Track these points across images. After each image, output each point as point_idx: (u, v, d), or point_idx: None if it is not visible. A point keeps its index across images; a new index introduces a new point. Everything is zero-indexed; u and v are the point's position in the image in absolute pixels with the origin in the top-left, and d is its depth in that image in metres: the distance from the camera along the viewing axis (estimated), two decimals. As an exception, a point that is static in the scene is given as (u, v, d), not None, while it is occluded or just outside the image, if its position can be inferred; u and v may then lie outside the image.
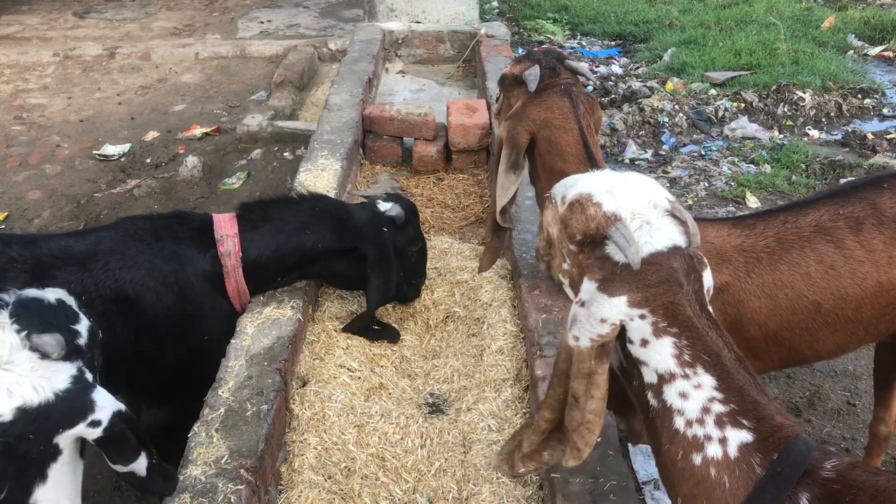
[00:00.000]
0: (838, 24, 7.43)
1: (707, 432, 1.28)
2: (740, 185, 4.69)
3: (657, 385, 1.33)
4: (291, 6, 8.26)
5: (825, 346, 2.00)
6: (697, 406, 1.29)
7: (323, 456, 2.27)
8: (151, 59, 6.84)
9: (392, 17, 6.32)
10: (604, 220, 1.37)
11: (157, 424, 2.41)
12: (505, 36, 5.84)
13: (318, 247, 2.59)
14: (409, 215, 2.80)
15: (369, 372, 2.64)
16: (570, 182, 1.51)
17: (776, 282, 1.91)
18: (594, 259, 1.37)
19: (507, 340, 2.73)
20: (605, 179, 1.46)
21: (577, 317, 1.35)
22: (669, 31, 7.53)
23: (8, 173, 4.97)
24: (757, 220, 2.00)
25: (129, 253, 2.25)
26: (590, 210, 1.39)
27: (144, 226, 2.38)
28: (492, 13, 8.19)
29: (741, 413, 1.27)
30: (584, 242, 1.39)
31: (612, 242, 1.34)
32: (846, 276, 1.90)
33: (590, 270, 1.37)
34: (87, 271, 2.17)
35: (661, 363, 1.32)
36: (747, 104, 5.81)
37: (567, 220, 1.42)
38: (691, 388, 1.30)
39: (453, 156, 4.27)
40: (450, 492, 2.19)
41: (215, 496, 1.87)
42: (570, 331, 1.35)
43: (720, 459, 1.26)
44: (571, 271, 1.47)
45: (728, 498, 1.25)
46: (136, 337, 2.25)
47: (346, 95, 4.49)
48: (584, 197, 1.42)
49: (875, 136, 5.32)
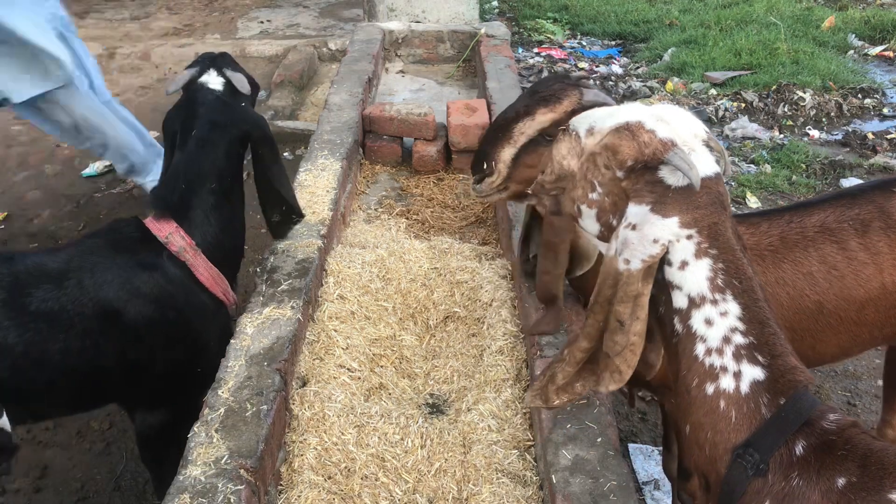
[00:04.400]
0: (838, 24, 7.43)
1: (724, 363, 1.33)
2: (740, 185, 4.69)
3: (686, 310, 1.38)
4: (291, 6, 8.26)
5: (828, 348, 2.00)
6: (720, 334, 1.34)
7: (323, 456, 2.27)
8: (151, 59, 6.84)
9: (392, 16, 6.32)
10: (661, 145, 1.40)
11: (152, 428, 2.38)
12: (505, 36, 5.84)
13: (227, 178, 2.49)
14: (233, 70, 2.59)
15: (369, 372, 2.63)
16: (600, 114, 1.53)
17: (778, 280, 1.91)
18: (644, 184, 1.40)
19: (507, 340, 2.73)
20: (649, 109, 1.49)
21: (629, 239, 1.38)
22: (669, 31, 7.52)
23: (8, 173, 4.97)
24: (762, 219, 2.01)
25: (97, 270, 2.20)
26: (643, 136, 1.41)
27: (100, 242, 2.31)
28: (492, 13, 8.19)
29: (758, 347, 1.32)
30: (634, 168, 1.41)
31: (672, 166, 1.38)
32: (849, 276, 1.90)
33: (638, 195, 1.40)
34: (61, 290, 2.13)
35: (694, 286, 1.37)
36: (747, 104, 5.81)
37: (616, 147, 1.43)
38: (717, 315, 1.35)
39: (453, 156, 4.27)
40: (450, 492, 2.18)
41: (215, 496, 1.87)
42: (621, 255, 1.39)
43: (731, 393, 1.32)
44: (602, 200, 1.48)
45: (731, 433, 1.31)
46: (122, 351, 2.20)
47: (345, 95, 4.48)
48: (634, 124, 1.44)
49: (875, 136, 5.32)
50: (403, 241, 3.39)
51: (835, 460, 1.23)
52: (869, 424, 2.98)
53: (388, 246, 3.31)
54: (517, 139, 2.18)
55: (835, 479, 1.21)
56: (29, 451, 2.93)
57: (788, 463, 1.25)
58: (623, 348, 1.43)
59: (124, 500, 2.76)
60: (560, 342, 2.50)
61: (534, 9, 8.40)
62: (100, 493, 2.77)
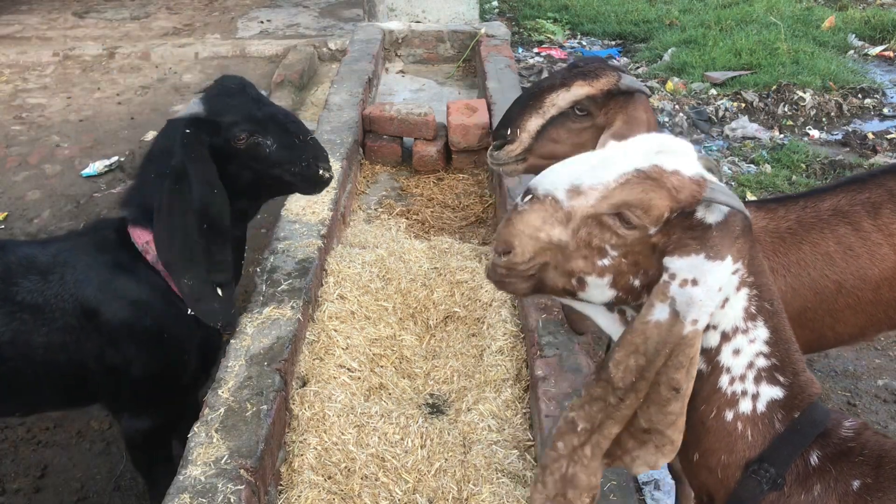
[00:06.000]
0: (839, 24, 7.43)
1: (745, 387, 1.27)
2: (741, 185, 4.69)
3: (716, 348, 1.28)
4: (291, 6, 8.25)
5: (846, 328, 2.05)
6: (745, 362, 1.27)
7: (323, 456, 2.27)
8: (151, 59, 6.84)
9: (392, 16, 6.32)
10: (694, 185, 1.22)
11: (137, 433, 2.35)
12: (505, 36, 5.84)
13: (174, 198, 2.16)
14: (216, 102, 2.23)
15: (369, 372, 2.63)
16: (579, 168, 1.29)
17: (799, 261, 1.96)
18: (683, 231, 1.23)
19: (507, 340, 2.73)
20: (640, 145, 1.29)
21: (694, 298, 1.20)
22: (670, 31, 7.52)
23: (8, 173, 4.97)
24: (778, 205, 2.06)
25: (79, 267, 2.18)
26: (671, 181, 1.22)
27: (86, 240, 2.29)
28: (492, 13, 8.18)
29: (780, 368, 1.27)
30: (669, 219, 1.23)
31: (713, 204, 1.22)
32: (864, 257, 1.96)
33: (682, 246, 1.22)
34: (47, 283, 2.14)
35: (731, 321, 1.26)
36: (747, 104, 5.81)
37: (646, 203, 1.22)
38: (746, 343, 1.27)
39: (453, 156, 4.27)
40: (450, 492, 2.18)
41: (215, 496, 1.87)
42: (687, 317, 1.20)
43: (749, 415, 1.27)
44: (618, 263, 1.27)
45: (745, 451, 1.26)
46: (101, 351, 2.19)
47: (345, 95, 4.48)
48: (652, 171, 1.23)
49: (875, 136, 5.32)
50: (403, 241, 3.39)
51: (852, 465, 1.22)
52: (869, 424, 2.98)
53: (388, 246, 3.31)
54: (547, 110, 2.11)
55: (850, 483, 1.21)
56: (29, 451, 2.93)
57: (805, 474, 1.23)
58: (677, 416, 1.25)
59: (124, 500, 2.76)
60: (560, 342, 2.49)
61: (534, 9, 8.40)
62: (100, 493, 2.77)
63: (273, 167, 2.29)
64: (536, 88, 2.18)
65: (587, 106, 2.08)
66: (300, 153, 2.31)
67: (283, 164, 2.29)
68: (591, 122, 2.11)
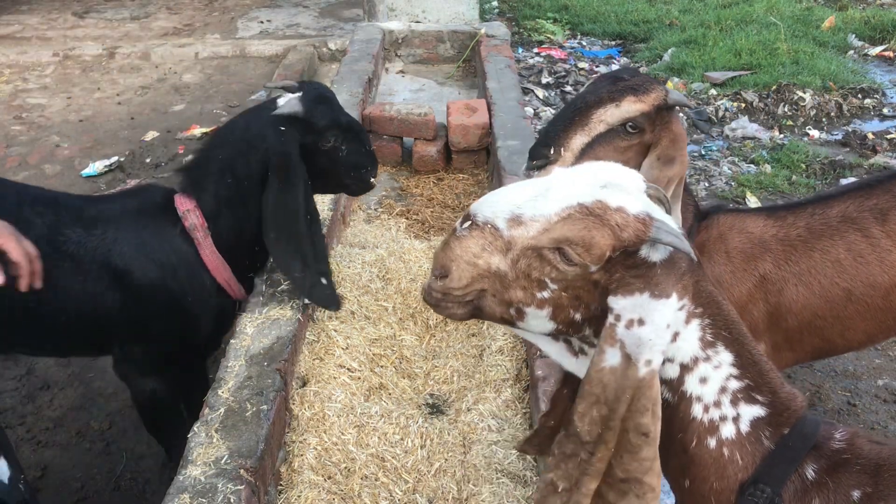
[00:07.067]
0: (838, 24, 7.43)
1: (723, 413, 1.25)
2: (740, 185, 4.69)
3: (678, 378, 1.26)
4: (291, 6, 8.26)
5: (856, 335, 2.05)
6: (716, 388, 1.25)
7: (323, 456, 2.27)
8: (151, 59, 6.84)
9: (392, 16, 6.32)
10: (638, 224, 1.18)
11: (145, 394, 2.49)
12: (505, 36, 5.84)
13: (245, 183, 2.41)
14: (312, 105, 2.44)
15: (369, 372, 2.63)
16: (520, 197, 1.24)
17: (810, 269, 1.97)
18: (626, 270, 1.19)
19: (507, 340, 2.73)
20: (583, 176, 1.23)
21: (643, 338, 1.17)
22: (669, 31, 7.52)
23: (8, 173, 4.96)
24: (787, 212, 2.07)
25: (121, 226, 2.35)
26: (613, 218, 1.17)
27: (132, 201, 2.46)
28: (492, 13, 8.18)
29: (756, 388, 1.25)
30: (612, 258, 1.19)
31: (658, 244, 1.18)
32: (874, 263, 1.96)
33: (625, 285, 1.18)
34: (89, 236, 2.30)
35: (686, 352, 1.24)
36: (747, 104, 5.81)
37: (587, 241, 1.17)
38: (711, 370, 1.24)
39: (453, 156, 4.27)
40: (450, 492, 2.18)
41: (215, 496, 1.87)
42: (640, 358, 1.17)
43: (733, 438, 1.25)
44: (558, 296, 1.23)
45: (737, 473, 1.25)
46: (123, 306, 2.34)
47: (345, 95, 4.48)
48: (594, 206, 1.18)
49: (875, 136, 5.32)
50: (403, 241, 3.39)
51: (850, 476, 1.21)
52: (869, 425, 2.98)
53: (388, 246, 3.31)
54: (594, 127, 1.98)
55: (850, 494, 1.20)
56: (29, 450, 2.93)
57: (803, 489, 1.22)
58: (652, 461, 1.21)
59: (124, 500, 2.76)
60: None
61: (534, 9, 8.40)
62: (100, 493, 2.77)
63: (342, 170, 2.56)
64: (581, 103, 2.04)
65: (641, 123, 1.97)
66: (364, 161, 2.60)
67: (350, 168, 2.57)
68: (639, 140, 2.00)
